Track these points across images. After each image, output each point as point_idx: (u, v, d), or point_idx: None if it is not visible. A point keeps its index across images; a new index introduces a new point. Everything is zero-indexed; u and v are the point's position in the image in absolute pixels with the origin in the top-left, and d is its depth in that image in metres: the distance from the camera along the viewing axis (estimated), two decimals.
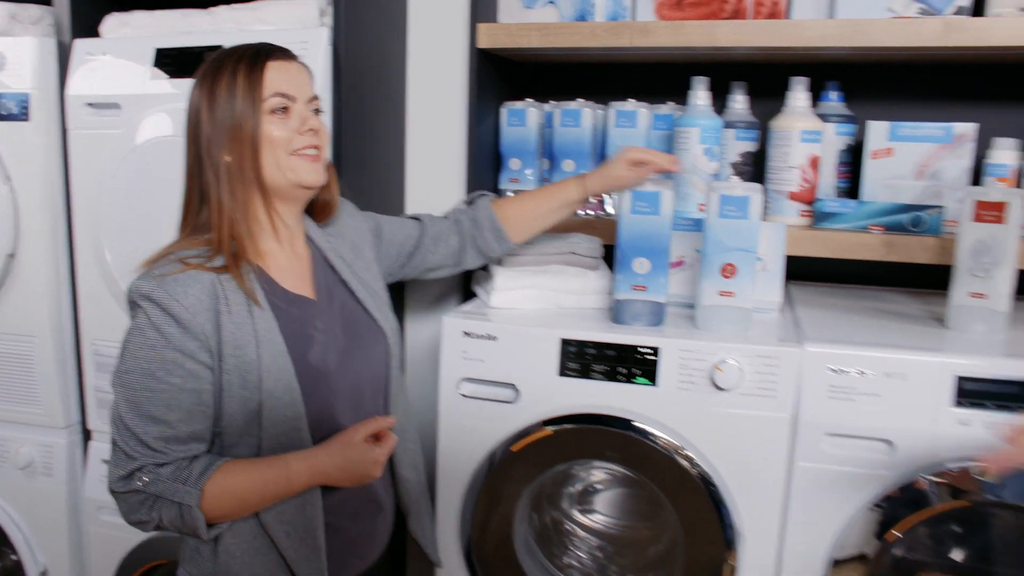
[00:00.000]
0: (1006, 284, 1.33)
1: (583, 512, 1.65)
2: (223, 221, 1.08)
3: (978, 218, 1.32)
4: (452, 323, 1.40)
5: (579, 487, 1.65)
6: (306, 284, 1.19)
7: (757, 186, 1.31)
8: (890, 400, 1.23)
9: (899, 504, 1.24)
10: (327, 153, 1.19)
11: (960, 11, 1.45)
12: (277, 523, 1.10)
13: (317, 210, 1.25)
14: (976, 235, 1.33)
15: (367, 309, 1.24)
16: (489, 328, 1.38)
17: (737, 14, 1.58)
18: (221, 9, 1.64)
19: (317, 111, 1.17)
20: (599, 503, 1.65)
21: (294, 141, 1.11)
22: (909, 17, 1.47)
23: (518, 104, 1.74)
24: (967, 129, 1.51)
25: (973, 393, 1.20)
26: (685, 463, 1.30)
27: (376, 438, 1.15)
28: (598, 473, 1.60)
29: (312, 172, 1.14)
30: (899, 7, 1.48)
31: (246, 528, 1.10)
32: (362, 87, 1.55)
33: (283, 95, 1.11)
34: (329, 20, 1.56)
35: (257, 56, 1.11)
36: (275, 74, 1.11)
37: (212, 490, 1.04)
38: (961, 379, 1.20)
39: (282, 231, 1.17)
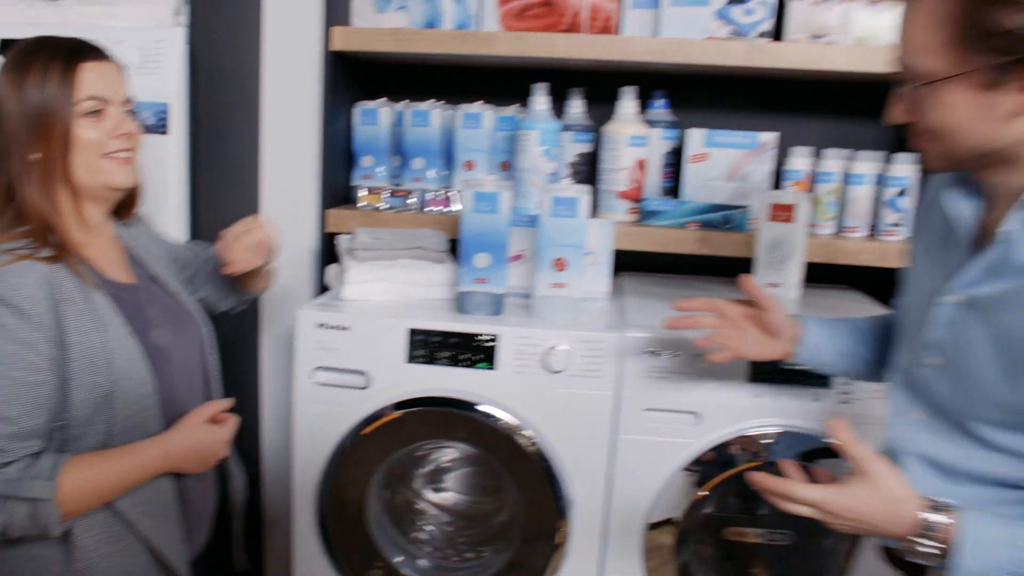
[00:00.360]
0: (795, 274, 1.53)
1: (435, 490, 1.76)
2: (36, 215, 1.08)
3: (773, 217, 1.51)
4: (306, 315, 1.48)
5: (431, 467, 1.76)
6: (127, 273, 1.21)
7: (586, 188, 1.45)
8: (697, 379, 1.41)
9: (706, 467, 1.42)
10: (138, 155, 1.20)
11: (763, 35, 1.65)
12: (130, 506, 1.13)
13: (122, 208, 1.26)
14: (771, 232, 1.52)
15: (180, 300, 1.28)
16: (341, 319, 1.47)
17: (573, 27, 1.72)
18: (71, 1, 1.63)
19: (131, 112, 1.18)
20: (450, 481, 1.77)
21: (107, 144, 1.12)
22: (721, 38, 1.65)
23: (371, 104, 1.82)
24: (769, 138, 1.71)
25: (764, 371, 1.39)
26: (522, 440, 1.43)
27: (214, 421, 1.21)
28: (449, 453, 1.72)
29: (123, 174, 1.16)
30: (714, 28, 1.66)
31: (99, 519, 1.11)
32: (217, 86, 1.59)
33: (97, 98, 1.11)
34: (184, 19, 1.59)
35: (71, 55, 1.10)
36: (90, 75, 1.10)
37: (66, 483, 1.03)
38: (753, 361, 1.39)
39: (92, 226, 1.17)
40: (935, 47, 0.85)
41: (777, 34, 1.70)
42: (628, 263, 1.95)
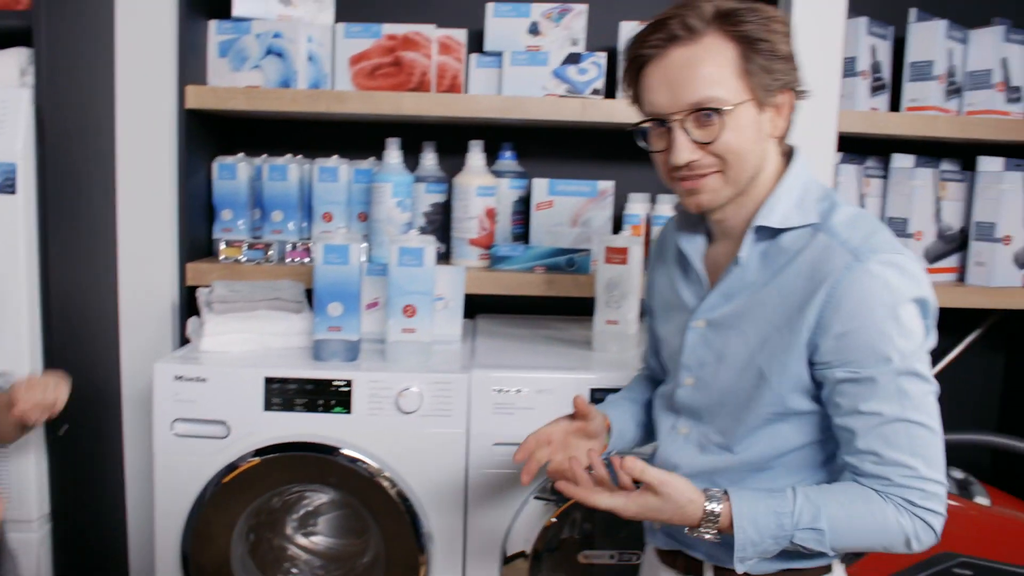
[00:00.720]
0: (632, 312, 1.67)
1: (305, 535, 1.79)
2: None
3: (608, 260, 1.65)
4: (163, 368, 1.51)
5: (303, 512, 1.79)
6: None
7: (431, 239, 1.55)
8: (542, 411, 1.50)
9: (557, 495, 1.52)
10: None
11: (596, 92, 1.79)
12: None
13: None
14: (608, 274, 1.65)
15: None
16: (199, 371, 1.50)
17: (422, 86, 1.82)
18: None
19: None
20: (321, 525, 1.81)
21: None
22: (558, 95, 1.79)
23: (229, 159, 1.87)
24: (607, 186, 1.86)
25: (601, 401, 1.50)
26: (379, 478, 1.50)
27: None
28: (320, 497, 1.76)
29: None
30: (552, 86, 1.80)
31: None
32: (68, 146, 1.61)
33: None
34: (30, 79, 1.60)
35: None
36: None
37: None
38: (593, 390, 1.51)
39: None
40: (725, 79, 1.02)
41: (611, 91, 1.86)
42: (485, 305, 2.06)
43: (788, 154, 1.15)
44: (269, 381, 1.50)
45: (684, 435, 1.19)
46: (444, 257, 1.93)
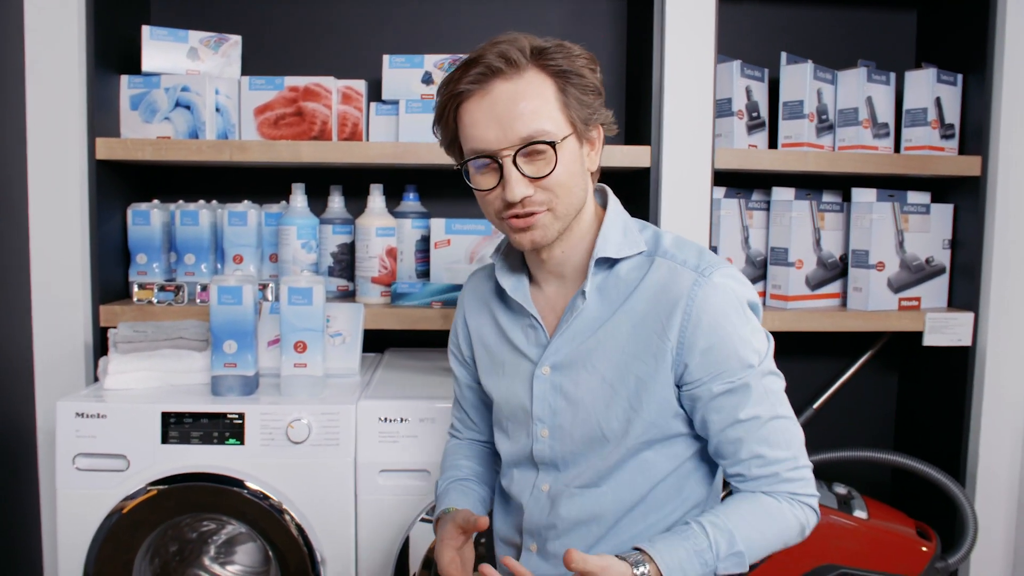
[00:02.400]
0: None
1: (222, 565, 1.87)
2: None
3: None
4: (65, 406, 1.59)
5: (217, 542, 1.86)
6: None
7: (320, 279, 1.65)
8: (425, 439, 1.60)
9: None
10: None
11: None
12: None
13: None
14: None
15: None
16: (99, 408, 1.59)
17: (323, 134, 1.93)
18: None
19: None
20: (239, 555, 1.88)
21: None
22: None
23: (143, 205, 1.97)
24: None
25: None
26: (272, 506, 1.58)
27: None
28: (234, 528, 1.83)
29: None
30: None
31: None
32: None
33: None
34: None
35: None
36: None
37: None
38: None
39: None
40: (550, 112, 1.04)
41: None
42: (396, 339, 2.16)
43: (599, 192, 1.19)
44: (166, 415, 1.59)
45: (547, 492, 1.18)
46: (351, 295, 2.03)
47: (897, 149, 2.08)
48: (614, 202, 1.18)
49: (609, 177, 1.45)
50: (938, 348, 2.06)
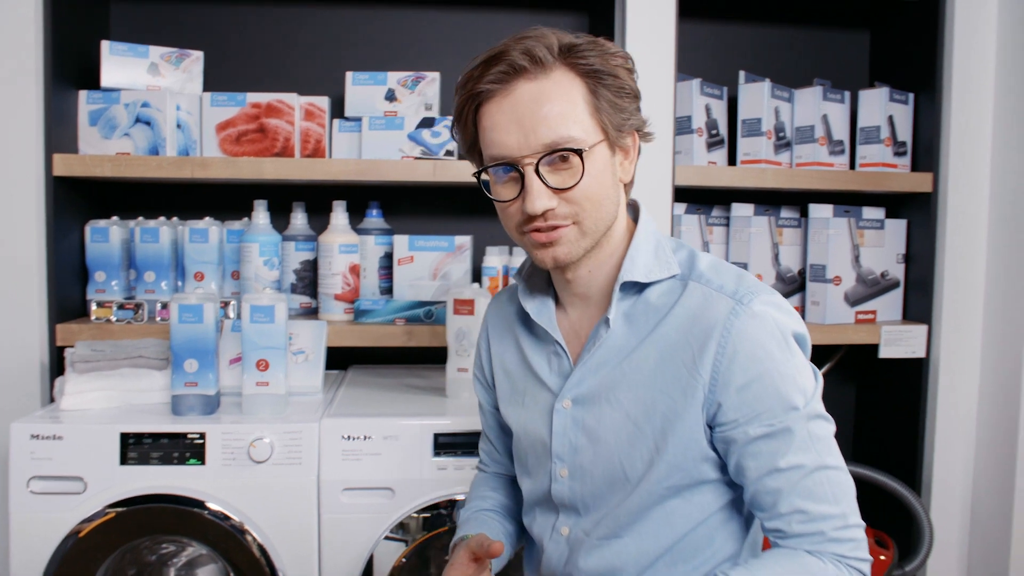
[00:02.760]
0: None
1: None
2: None
3: (457, 311, 1.75)
4: (19, 428, 1.56)
5: (179, 563, 1.84)
6: None
7: (282, 296, 1.64)
8: (389, 457, 1.60)
9: (405, 535, 1.60)
10: None
11: (449, 153, 1.92)
12: None
13: None
14: (457, 324, 1.76)
15: None
16: (55, 429, 1.56)
17: (286, 151, 1.93)
18: None
19: None
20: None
21: None
22: (413, 157, 1.91)
23: (102, 222, 1.94)
24: (464, 240, 1.97)
25: (445, 445, 1.61)
26: (233, 527, 1.56)
27: None
28: (196, 549, 1.80)
29: None
30: (407, 149, 1.92)
31: None
32: None
33: None
34: None
35: None
36: None
37: None
38: (437, 435, 1.60)
39: None
40: (579, 117, 0.93)
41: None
42: (359, 356, 2.15)
43: (631, 206, 1.09)
44: (125, 436, 1.56)
45: (566, 537, 1.09)
46: (313, 312, 2.02)
47: (852, 166, 2.13)
48: (646, 219, 1.06)
49: None
50: (894, 360, 2.10)
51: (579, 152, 0.93)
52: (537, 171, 0.93)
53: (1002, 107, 2.02)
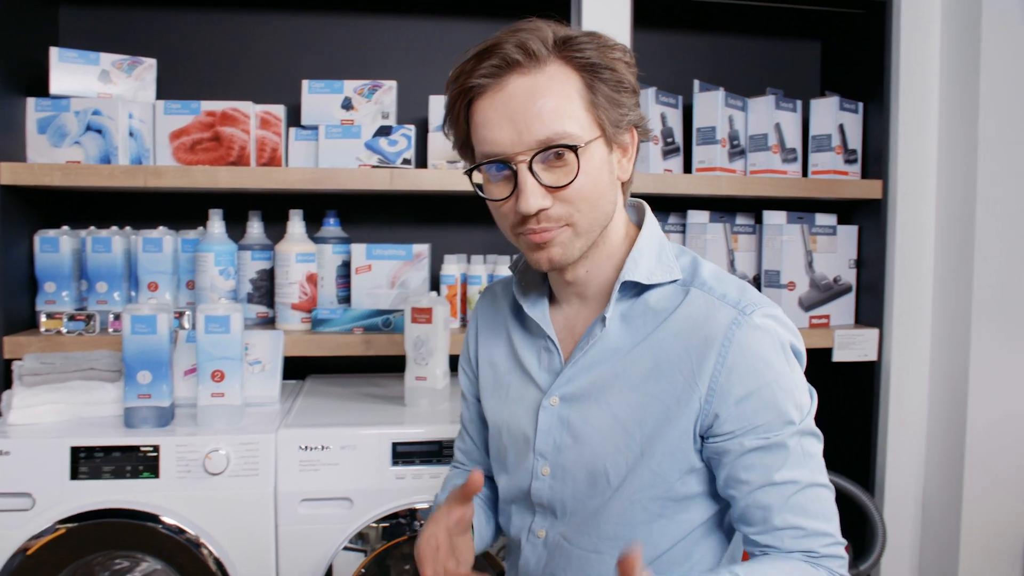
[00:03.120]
0: (440, 368, 1.77)
1: None
2: None
3: (415, 320, 1.75)
4: None
5: None
6: None
7: (237, 306, 1.62)
8: (347, 466, 1.59)
9: (364, 545, 1.59)
10: None
11: (406, 162, 1.92)
12: None
13: None
14: (415, 333, 1.75)
15: None
16: (2, 444, 1.52)
17: (241, 159, 1.91)
18: None
19: None
20: None
21: None
22: (370, 166, 1.90)
23: (52, 232, 1.91)
24: (422, 248, 1.97)
25: (404, 454, 1.60)
26: (188, 540, 1.54)
27: None
28: (150, 565, 1.76)
29: None
30: (364, 158, 1.92)
31: None
32: None
33: None
34: None
35: None
36: None
37: None
38: (395, 444, 1.60)
39: None
40: (575, 112, 0.90)
41: (421, 160, 1.99)
42: (317, 366, 2.14)
43: (634, 207, 1.07)
44: (75, 450, 1.53)
45: (543, 539, 1.06)
46: (270, 322, 2.00)
47: (805, 173, 2.17)
48: (651, 221, 1.04)
49: None
50: (847, 363, 2.14)
51: (574, 148, 0.90)
52: (531, 169, 0.90)
53: (946, 116, 2.08)
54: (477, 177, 0.98)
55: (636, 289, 0.99)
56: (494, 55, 0.90)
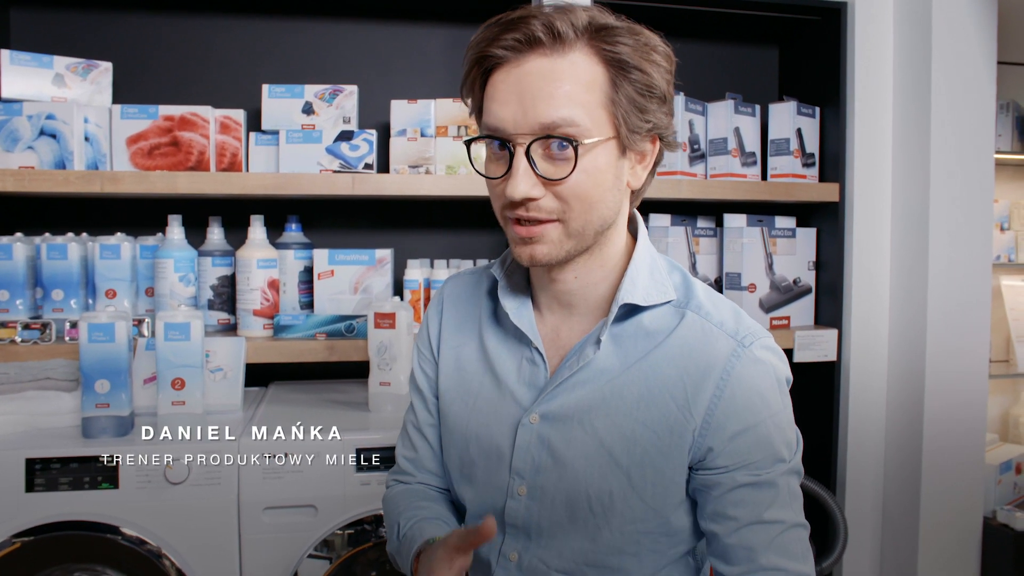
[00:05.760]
0: (404, 373, 1.76)
1: None
2: None
3: (377, 325, 1.74)
4: None
5: None
6: None
7: (198, 313, 1.60)
8: (311, 474, 1.57)
9: (329, 552, 1.58)
10: None
11: (368, 167, 1.91)
12: None
13: None
14: (379, 338, 1.74)
15: None
16: None
17: (200, 164, 1.89)
18: None
19: None
20: None
21: None
22: (332, 171, 1.89)
23: (5, 239, 1.87)
24: (385, 254, 1.96)
25: (368, 460, 1.59)
26: (149, 552, 1.51)
27: None
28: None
29: None
30: (325, 163, 1.90)
31: None
32: None
33: None
34: None
35: None
36: None
37: None
38: (359, 450, 1.59)
39: None
40: (591, 105, 0.84)
41: (383, 165, 1.98)
42: (280, 373, 2.12)
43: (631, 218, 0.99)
44: (31, 462, 1.50)
45: (516, 563, 1.00)
46: (232, 328, 1.98)
47: (764, 177, 2.20)
48: (644, 235, 0.97)
49: None
50: (809, 364, 2.17)
51: (573, 142, 0.83)
52: (528, 153, 0.84)
53: (900, 120, 2.12)
54: (479, 149, 0.93)
55: (632, 307, 0.94)
56: (519, 29, 0.84)
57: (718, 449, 0.89)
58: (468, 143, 0.92)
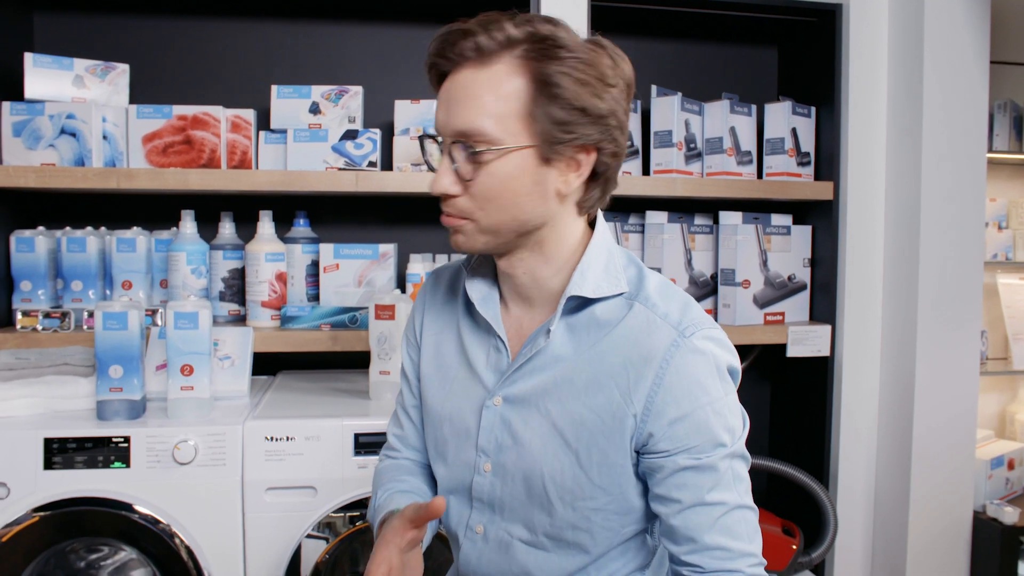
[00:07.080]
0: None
1: None
2: None
3: (378, 316, 1.82)
4: None
5: (109, 568, 1.86)
6: None
7: (206, 303, 1.68)
8: (311, 456, 1.65)
9: (328, 532, 1.66)
10: None
11: (372, 164, 1.99)
12: None
13: None
14: (379, 329, 1.82)
15: None
16: None
17: (212, 162, 1.97)
18: None
19: None
20: None
21: None
22: (337, 168, 1.97)
23: (27, 232, 1.96)
24: (388, 248, 2.04)
25: (366, 444, 1.67)
26: (161, 529, 1.60)
27: None
28: (126, 554, 1.82)
29: None
30: (331, 161, 1.98)
31: None
32: None
33: None
34: None
35: None
36: None
37: None
38: (357, 435, 1.67)
39: None
40: (504, 115, 0.88)
41: (387, 163, 2.06)
42: (288, 362, 2.20)
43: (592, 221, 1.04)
44: (48, 441, 1.59)
45: (481, 535, 1.07)
46: (242, 319, 2.07)
47: (759, 175, 2.25)
48: (601, 230, 1.02)
49: None
50: (803, 358, 2.22)
51: (472, 149, 0.90)
52: (450, 153, 0.92)
53: (894, 120, 2.16)
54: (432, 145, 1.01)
55: (583, 300, 0.99)
56: (457, 43, 0.90)
57: (659, 434, 0.94)
58: (421, 139, 1.01)
